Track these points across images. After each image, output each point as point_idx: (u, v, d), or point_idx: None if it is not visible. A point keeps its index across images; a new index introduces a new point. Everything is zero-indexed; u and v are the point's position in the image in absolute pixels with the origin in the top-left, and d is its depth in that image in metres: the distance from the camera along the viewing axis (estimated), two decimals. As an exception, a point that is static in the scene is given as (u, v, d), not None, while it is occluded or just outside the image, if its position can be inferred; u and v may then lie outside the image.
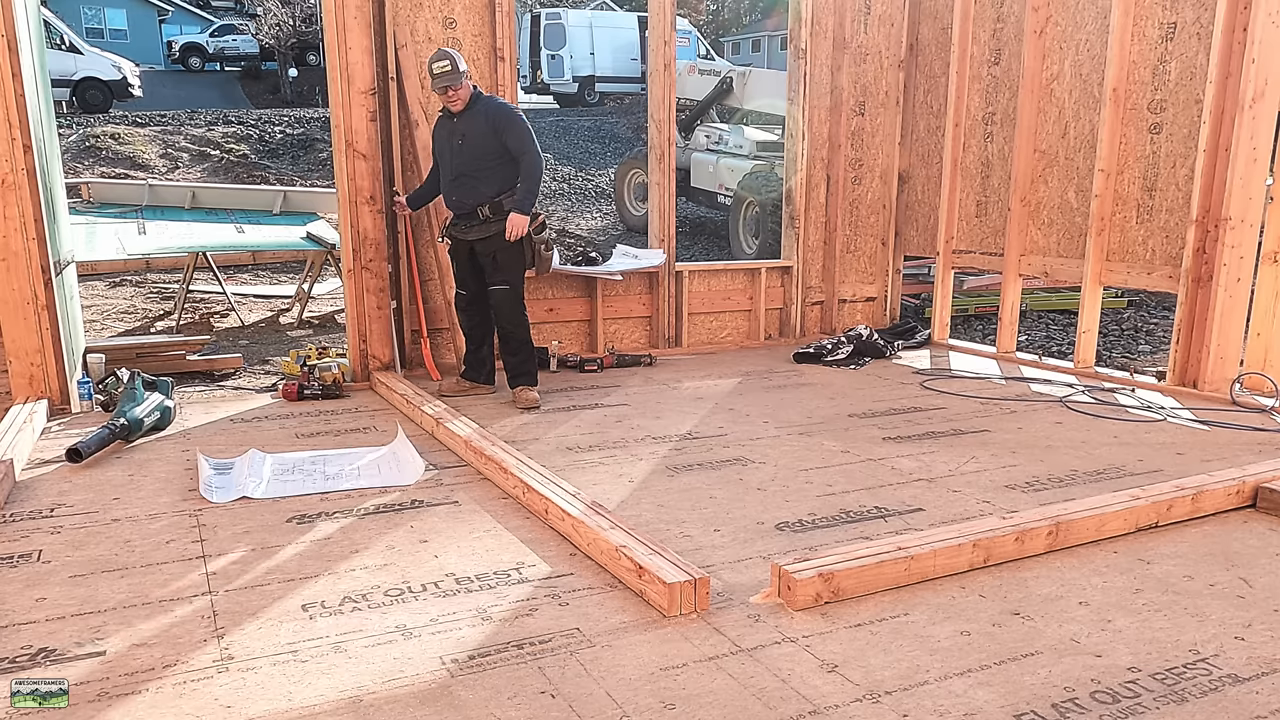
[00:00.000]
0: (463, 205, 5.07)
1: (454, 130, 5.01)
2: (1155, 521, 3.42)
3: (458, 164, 5.02)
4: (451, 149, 5.02)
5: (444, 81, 4.84)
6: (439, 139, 5.13)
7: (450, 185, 5.09)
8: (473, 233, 5.08)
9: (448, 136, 5.04)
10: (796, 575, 2.78)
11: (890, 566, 2.92)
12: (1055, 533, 3.20)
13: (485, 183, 5.00)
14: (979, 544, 3.07)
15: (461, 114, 4.99)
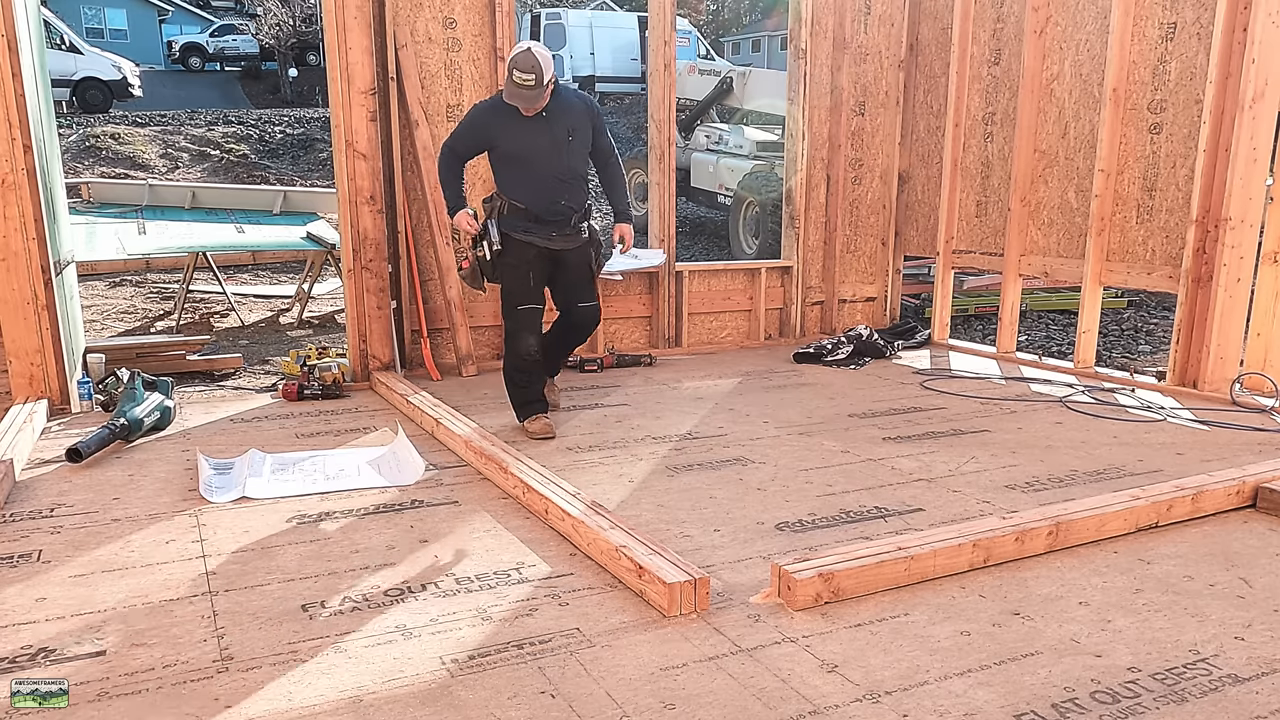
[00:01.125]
0: (570, 210, 4.49)
1: (547, 124, 4.39)
2: (1155, 522, 3.42)
3: (566, 163, 4.45)
4: (552, 144, 4.40)
5: (526, 98, 4.24)
6: (519, 136, 4.39)
7: (556, 186, 4.44)
8: (565, 241, 4.51)
9: (539, 131, 4.38)
10: (796, 575, 2.78)
11: (890, 566, 2.92)
12: (1055, 533, 3.20)
13: (585, 185, 4.61)
14: (979, 544, 3.07)
15: (548, 105, 4.38)
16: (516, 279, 4.51)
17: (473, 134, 4.53)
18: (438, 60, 5.79)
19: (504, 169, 4.50)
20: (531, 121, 4.36)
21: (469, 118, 4.58)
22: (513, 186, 4.47)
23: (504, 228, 4.45)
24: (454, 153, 4.57)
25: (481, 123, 4.49)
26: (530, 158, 4.42)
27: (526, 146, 4.41)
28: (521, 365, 4.62)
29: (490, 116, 4.47)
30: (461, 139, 4.57)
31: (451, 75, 5.84)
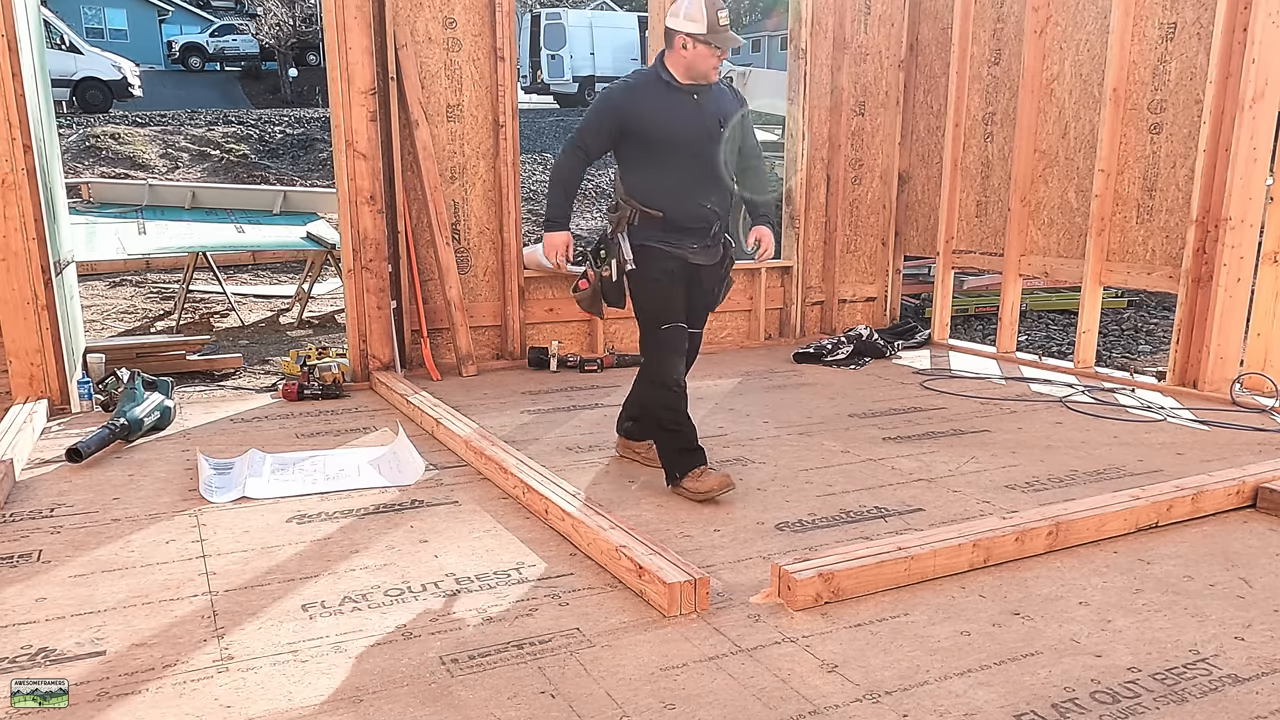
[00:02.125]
0: (714, 217, 3.79)
1: (700, 110, 3.70)
2: (1155, 522, 3.42)
3: (716, 157, 3.75)
4: (704, 134, 3.71)
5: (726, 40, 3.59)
6: (664, 120, 3.66)
7: (702, 186, 3.74)
8: (705, 256, 3.82)
9: (691, 118, 3.69)
10: (796, 575, 2.78)
11: (890, 567, 2.92)
12: (1055, 533, 3.20)
13: (730, 188, 3.89)
14: (979, 544, 3.06)
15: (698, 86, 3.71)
16: (657, 294, 3.73)
17: (610, 119, 3.70)
18: (438, 60, 5.79)
19: (640, 165, 3.71)
20: (679, 105, 3.67)
21: (600, 104, 3.79)
22: (649, 188, 3.69)
23: (637, 239, 3.71)
24: (585, 151, 3.75)
25: (618, 103, 3.73)
26: (675, 149, 3.66)
27: (672, 135, 3.65)
28: (671, 400, 3.74)
29: (627, 97, 3.74)
30: (594, 131, 3.72)
31: (451, 75, 5.84)
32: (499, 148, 5.98)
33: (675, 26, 3.62)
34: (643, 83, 3.79)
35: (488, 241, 6.09)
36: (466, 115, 5.91)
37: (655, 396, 3.80)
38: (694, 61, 3.62)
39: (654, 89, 3.70)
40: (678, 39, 3.62)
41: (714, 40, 3.57)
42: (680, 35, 3.60)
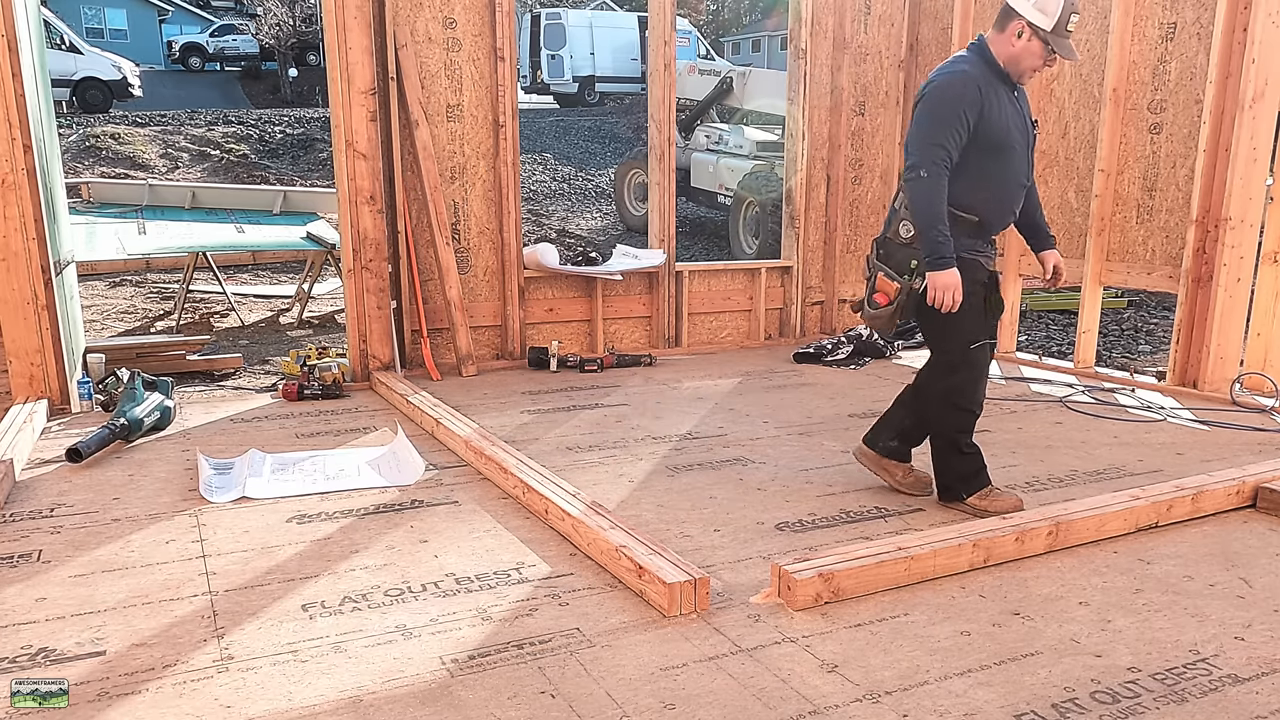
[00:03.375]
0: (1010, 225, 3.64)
1: (1019, 107, 3.42)
2: (1155, 522, 3.41)
3: (1031, 162, 3.52)
4: (1026, 135, 3.44)
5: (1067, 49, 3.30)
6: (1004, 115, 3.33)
7: (1019, 191, 3.50)
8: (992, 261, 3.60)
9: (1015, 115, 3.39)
10: (797, 575, 2.78)
11: (890, 567, 2.92)
12: (1055, 533, 3.20)
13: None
14: (979, 544, 3.06)
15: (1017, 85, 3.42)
16: (974, 308, 3.41)
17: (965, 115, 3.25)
18: (438, 60, 5.79)
19: (968, 166, 3.32)
20: (1007, 100, 3.36)
21: (945, 97, 3.27)
22: (973, 191, 3.33)
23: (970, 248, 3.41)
24: (947, 159, 3.25)
25: (970, 96, 3.26)
26: (1008, 150, 3.35)
27: (1007, 134, 3.35)
28: (969, 424, 3.52)
29: (976, 89, 3.27)
30: (948, 132, 3.24)
31: (451, 75, 5.84)
32: (499, 148, 5.98)
33: (1020, 10, 3.24)
34: (979, 71, 3.31)
35: (488, 241, 6.09)
36: (466, 115, 5.91)
37: (953, 420, 3.52)
38: (1021, 56, 3.28)
39: (990, 79, 3.31)
40: (1015, 24, 3.25)
41: (1054, 43, 3.24)
42: (1020, 21, 3.24)
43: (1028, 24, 3.24)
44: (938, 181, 3.24)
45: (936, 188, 3.24)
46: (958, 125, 3.24)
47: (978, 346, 3.46)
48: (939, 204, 3.25)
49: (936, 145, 3.24)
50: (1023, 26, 3.25)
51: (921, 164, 3.25)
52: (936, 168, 3.24)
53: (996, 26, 3.34)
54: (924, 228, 3.28)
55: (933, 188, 3.24)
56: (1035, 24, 3.23)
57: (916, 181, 3.26)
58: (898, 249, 3.44)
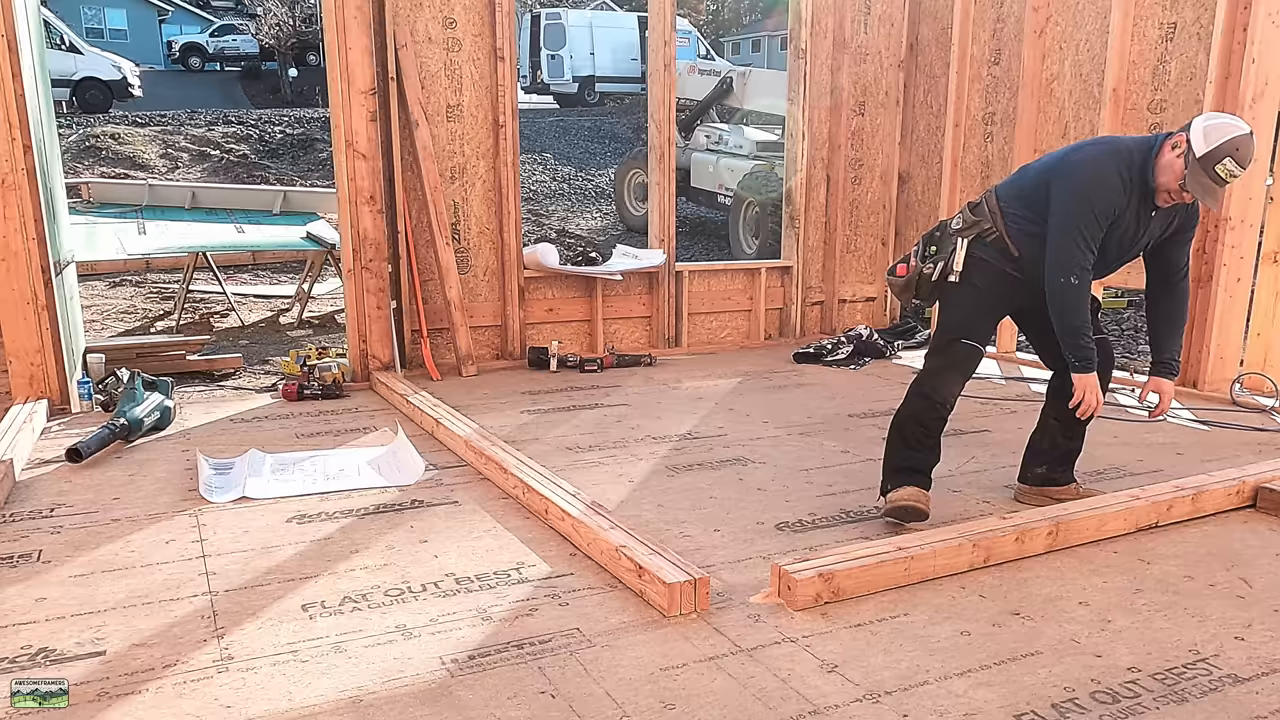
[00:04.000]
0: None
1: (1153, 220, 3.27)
2: (1155, 522, 3.42)
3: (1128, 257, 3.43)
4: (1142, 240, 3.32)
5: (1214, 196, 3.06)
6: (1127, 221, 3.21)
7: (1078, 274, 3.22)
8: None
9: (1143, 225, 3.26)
10: (797, 575, 2.78)
11: (890, 567, 2.92)
12: (1055, 533, 3.20)
13: None
14: (979, 544, 3.06)
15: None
16: (966, 305, 3.40)
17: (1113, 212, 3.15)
18: (438, 60, 5.79)
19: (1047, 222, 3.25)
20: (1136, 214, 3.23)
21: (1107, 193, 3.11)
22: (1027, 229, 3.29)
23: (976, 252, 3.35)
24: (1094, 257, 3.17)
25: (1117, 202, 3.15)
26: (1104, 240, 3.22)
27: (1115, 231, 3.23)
28: (929, 417, 3.43)
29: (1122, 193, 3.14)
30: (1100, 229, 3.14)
31: (451, 75, 5.84)
32: (499, 148, 5.98)
33: (1193, 126, 3.04)
34: (1134, 176, 3.13)
35: (488, 241, 6.10)
36: (466, 115, 5.91)
37: (912, 405, 3.44)
38: (1165, 168, 3.08)
39: (1135, 182, 3.13)
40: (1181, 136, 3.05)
41: (1194, 172, 2.98)
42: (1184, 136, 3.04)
43: (1187, 140, 3.03)
44: (1085, 288, 3.17)
45: (1084, 294, 3.18)
46: (1101, 227, 3.14)
47: (964, 344, 3.39)
48: (1085, 310, 3.19)
49: (1086, 250, 3.13)
50: (1183, 141, 3.04)
51: (1072, 269, 3.13)
52: (1086, 274, 3.15)
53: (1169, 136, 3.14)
54: (1068, 335, 3.21)
55: (1082, 295, 3.17)
56: (1192, 143, 3.01)
57: (1066, 288, 3.15)
58: (933, 232, 3.52)
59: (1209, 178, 2.97)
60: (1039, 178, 3.30)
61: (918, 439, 3.45)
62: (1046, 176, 3.26)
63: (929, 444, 3.46)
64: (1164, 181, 3.09)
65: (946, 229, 3.47)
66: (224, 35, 34.56)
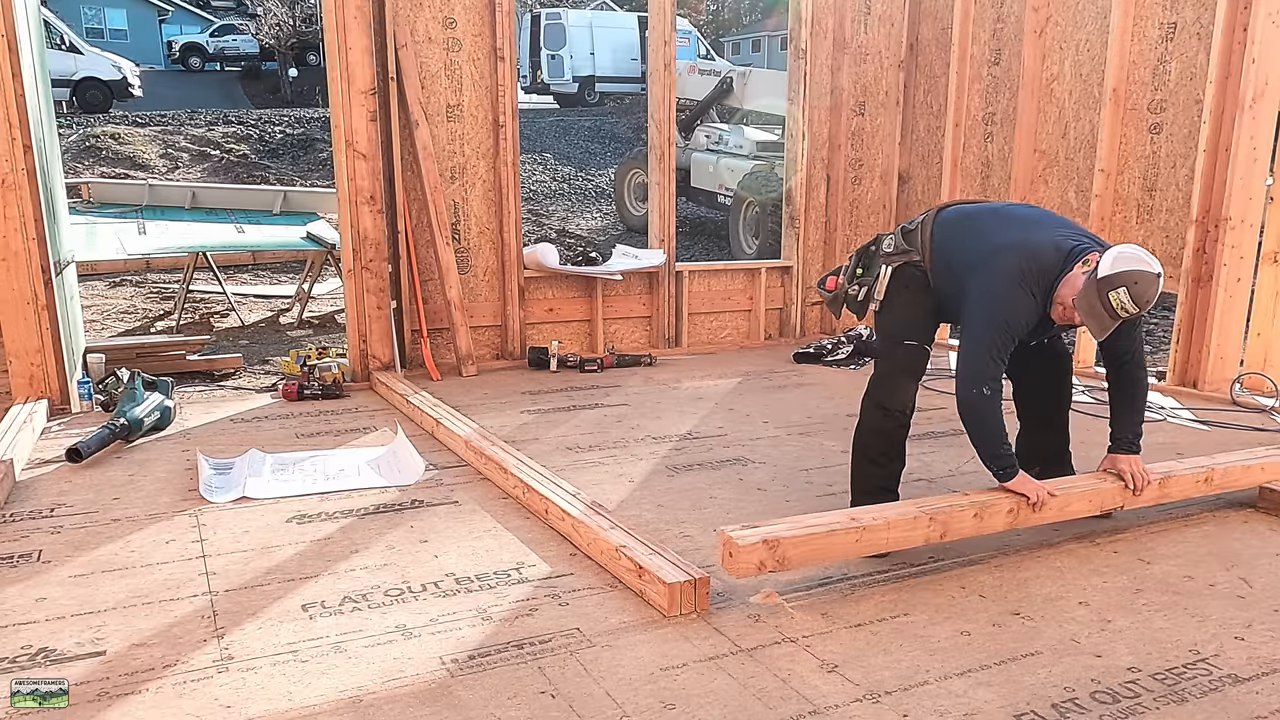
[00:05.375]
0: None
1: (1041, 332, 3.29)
2: (1121, 506, 3.34)
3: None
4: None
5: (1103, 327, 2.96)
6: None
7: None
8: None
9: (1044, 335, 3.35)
10: (739, 541, 2.69)
11: (840, 537, 2.85)
12: (1015, 511, 3.11)
13: None
14: (936, 518, 2.99)
15: None
16: (903, 308, 3.34)
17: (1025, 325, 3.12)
18: (438, 60, 5.79)
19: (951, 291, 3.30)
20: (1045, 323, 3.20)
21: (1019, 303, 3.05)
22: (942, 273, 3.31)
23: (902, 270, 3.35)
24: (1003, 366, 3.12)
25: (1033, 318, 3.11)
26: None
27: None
28: (887, 428, 3.35)
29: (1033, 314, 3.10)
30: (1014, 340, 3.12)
31: (451, 75, 5.84)
32: (499, 148, 5.98)
33: (1109, 251, 2.95)
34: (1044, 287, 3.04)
35: (488, 241, 6.10)
36: (466, 115, 5.91)
37: (871, 420, 3.36)
38: (1069, 281, 2.99)
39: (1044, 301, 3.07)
40: (1095, 256, 2.96)
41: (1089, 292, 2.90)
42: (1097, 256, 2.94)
43: (1098, 261, 2.92)
44: (997, 398, 3.07)
45: (996, 404, 3.07)
46: (1017, 338, 3.09)
47: (905, 345, 3.31)
48: (998, 421, 3.09)
49: (999, 362, 3.08)
50: (1095, 260, 2.94)
51: (984, 381, 3.05)
52: (998, 384, 3.07)
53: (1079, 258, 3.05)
54: (982, 449, 3.14)
55: (993, 405, 3.07)
56: (1099, 264, 2.90)
57: (979, 399, 3.06)
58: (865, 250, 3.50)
59: (1100, 301, 2.87)
60: (963, 262, 3.21)
61: (884, 454, 3.39)
62: (968, 268, 3.17)
63: (894, 454, 3.41)
64: (1062, 294, 3.01)
65: (879, 249, 3.44)
66: (224, 35, 34.56)
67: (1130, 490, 3.26)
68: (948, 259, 3.27)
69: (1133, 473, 3.25)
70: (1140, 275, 2.84)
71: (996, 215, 3.38)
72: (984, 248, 3.17)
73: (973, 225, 3.31)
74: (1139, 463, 3.28)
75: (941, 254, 3.28)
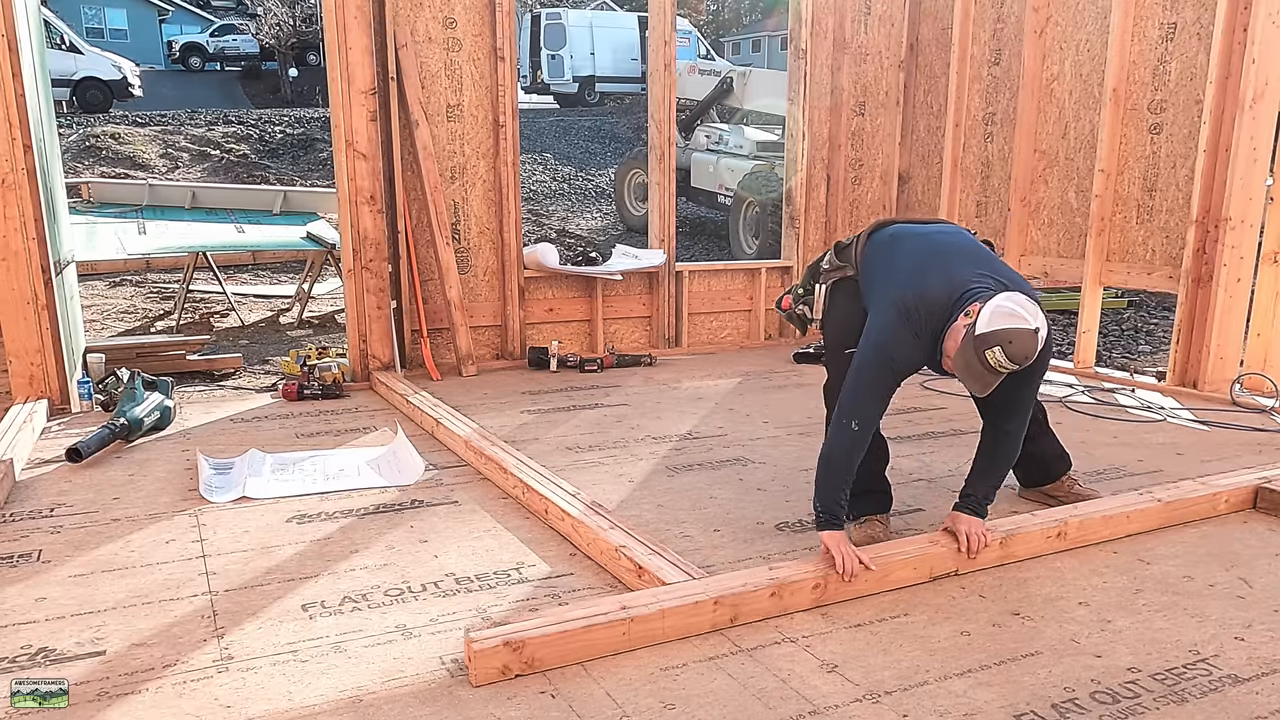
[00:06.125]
0: None
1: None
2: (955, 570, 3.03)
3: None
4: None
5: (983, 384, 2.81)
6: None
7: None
8: None
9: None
10: (477, 645, 2.35)
11: (603, 632, 2.48)
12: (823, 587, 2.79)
13: None
14: (722, 601, 2.63)
15: None
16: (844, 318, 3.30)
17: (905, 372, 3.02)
18: (438, 60, 5.79)
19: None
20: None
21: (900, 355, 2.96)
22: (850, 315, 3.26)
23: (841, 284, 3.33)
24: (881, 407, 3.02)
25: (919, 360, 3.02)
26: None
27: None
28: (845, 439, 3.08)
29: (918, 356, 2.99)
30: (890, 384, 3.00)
31: (452, 75, 5.84)
32: (499, 148, 5.98)
33: (986, 304, 2.77)
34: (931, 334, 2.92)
35: (488, 241, 6.10)
36: (466, 115, 5.91)
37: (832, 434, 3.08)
38: (952, 333, 2.85)
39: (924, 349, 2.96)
40: (969, 310, 2.81)
41: (966, 350, 2.75)
42: (978, 306, 2.78)
43: (978, 313, 2.77)
44: (863, 437, 2.95)
45: (860, 443, 2.95)
46: (900, 379, 3.00)
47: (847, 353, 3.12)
48: (846, 466, 2.95)
49: (877, 402, 2.98)
50: (975, 312, 2.78)
51: (856, 415, 2.94)
52: (869, 424, 2.96)
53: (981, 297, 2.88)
54: (821, 487, 2.98)
55: (856, 443, 2.95)
56: (977, 319, 2.74)
57: (847, 431, 2.94)
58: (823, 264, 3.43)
59: (977, 359, 2.72)
60: (871, 288, 3.16)
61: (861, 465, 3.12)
62: (871, 296, 3.13)
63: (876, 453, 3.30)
64: (948, 346, 2.86)
65: (818, 270, 3.42)
66: (224, 35, 34.56)
67: (963, 553, 3.03)
68: (869, 281, 3.20)
69: (969, 533, 3.03)
70: (1015, 334, 2.68)
71: (917, 241, 3.19)
72: (887, 279, 3.08)
73: (892, 249, 3.19)
74: (979, 524, 3.07)
75: (865, 275, 3.22)
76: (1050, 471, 3.68)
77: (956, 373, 2.84)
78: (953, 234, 3.30)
